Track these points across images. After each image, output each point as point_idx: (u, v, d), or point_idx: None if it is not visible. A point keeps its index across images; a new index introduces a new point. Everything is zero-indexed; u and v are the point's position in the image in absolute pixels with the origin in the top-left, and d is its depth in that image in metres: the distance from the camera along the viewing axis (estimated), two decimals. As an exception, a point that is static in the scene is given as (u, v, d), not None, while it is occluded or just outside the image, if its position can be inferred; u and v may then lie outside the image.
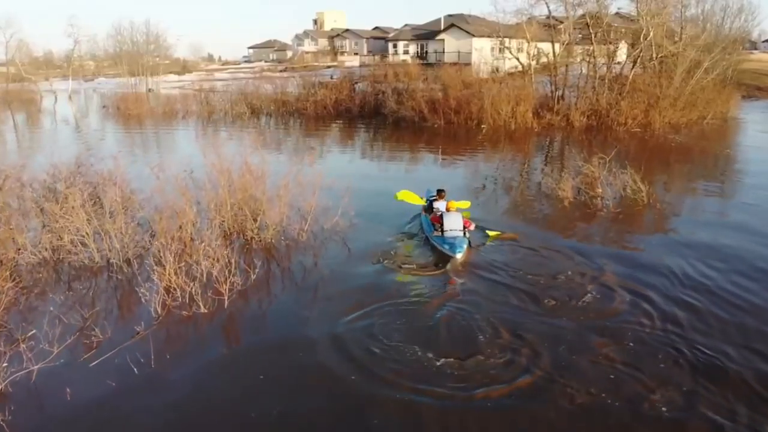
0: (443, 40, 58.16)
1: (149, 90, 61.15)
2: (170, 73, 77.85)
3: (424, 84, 34.87)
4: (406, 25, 70.85)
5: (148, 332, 8.74)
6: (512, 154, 25.52)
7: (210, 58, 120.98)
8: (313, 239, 12.76)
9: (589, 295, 9.79)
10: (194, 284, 9.54)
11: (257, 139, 24.11)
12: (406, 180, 18.79)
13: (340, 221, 13.10)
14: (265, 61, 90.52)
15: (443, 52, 57.44)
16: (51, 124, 42.78)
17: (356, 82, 40.79)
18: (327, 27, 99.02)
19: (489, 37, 54.58)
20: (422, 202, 14.13)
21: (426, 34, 61.12)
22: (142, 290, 9.39)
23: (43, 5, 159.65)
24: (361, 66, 58.15)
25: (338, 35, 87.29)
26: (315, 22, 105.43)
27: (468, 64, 50.76)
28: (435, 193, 13.83)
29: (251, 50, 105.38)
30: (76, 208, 11.09)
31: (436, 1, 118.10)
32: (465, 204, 14.31)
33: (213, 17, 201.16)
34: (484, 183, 19.35)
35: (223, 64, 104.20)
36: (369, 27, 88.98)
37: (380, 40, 74.01)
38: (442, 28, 58.85)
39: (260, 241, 12.40)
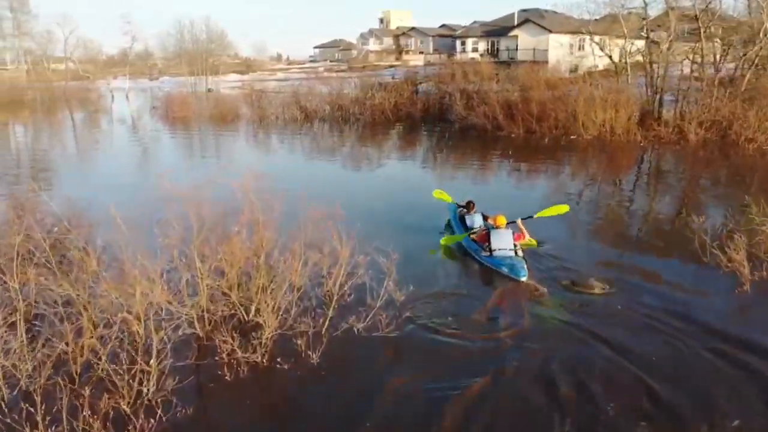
0: (516, 36, 52.06)
1: (209, 90, 57.84)
2: (233, 72, 74.64)
3: (497, 85, 28.89)
4: (474, 22, 64.84)
5: None
6: (616, 176, 19.46)
7: (278, 58, 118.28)
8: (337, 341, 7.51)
9: None
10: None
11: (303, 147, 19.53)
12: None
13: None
14: (330, 61, 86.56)
15: (516, 49, 51.31)
16: (108, 124, 40.51)
17: (419, 83, 35.32)
18: (393, 26, 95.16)
19: (569, 32, 48.83)
20: (451, 200, 12.86)
21: (497, 30, 55.01)
22: None
23: (100, 2, 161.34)
24: (425, 65, 52.84)
25: (403, 34, 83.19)
26: (381, 21, 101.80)
27: (544, 63, 45.15)
28: (460, 205, 12.27)
29: (317, 50, 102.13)
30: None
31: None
32: (562, 209, 11.59)
33: (280, 16, 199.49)
34: (588, 220, 13.82)
35: (289, 64, 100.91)
36: (436, 25, 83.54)
37: (447, 38, 69.94)
38: (516, 23, 52.82)
39: (249, 360, 7.07)
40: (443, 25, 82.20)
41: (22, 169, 22.41)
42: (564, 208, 11.44)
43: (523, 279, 9.45)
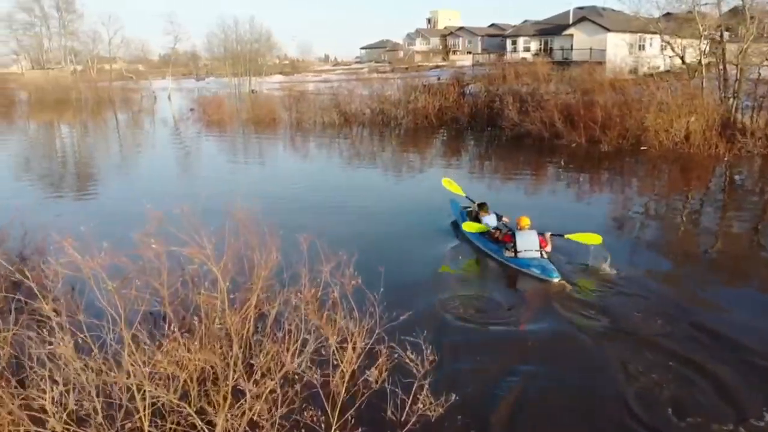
0: (572, 35, 48.32)
1: (252, 91, 56.35)
2: (278, 73, 73.10)
3: (554, 87, 25.53)
4: (525, 21, 61.11)
5: None
6: (694, 194, 16.16)
7: (325, 59, 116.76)
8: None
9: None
10: None
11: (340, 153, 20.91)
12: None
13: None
14: (376, 62, 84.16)
15: (571, 49, 47.53)
16: (150, 124, 39.61)
17: (467, 84, 32.30)
18: (441, 26, 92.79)
19: (629, 31, 45.12)
20: (462, 193, 12.85)
21: (551, 29, 51.32)
22: None
23: (144, 3, 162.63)
24: (473, 65, 49.62)
25: (451, 33, 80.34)
26: (429, 21, 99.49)
27: (601, 63, 41.60)
28: (466, 206, 12.29)
29: (363, 51, 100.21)
30: None
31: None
32: (594, 238, 10.16)
33: (329, 17, 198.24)
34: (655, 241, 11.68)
35: (335, 65, 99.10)
36: (484, 25, 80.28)
37: (496, 37, 66.74)
38: (571, 21, 48.94)
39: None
40: (492, 25, 79.64)
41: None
42: (597, 239, 10.17)
43: (556, 280, 9.20)
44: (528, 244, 9.79)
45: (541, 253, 9.81)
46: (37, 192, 17.18)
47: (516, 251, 9.83)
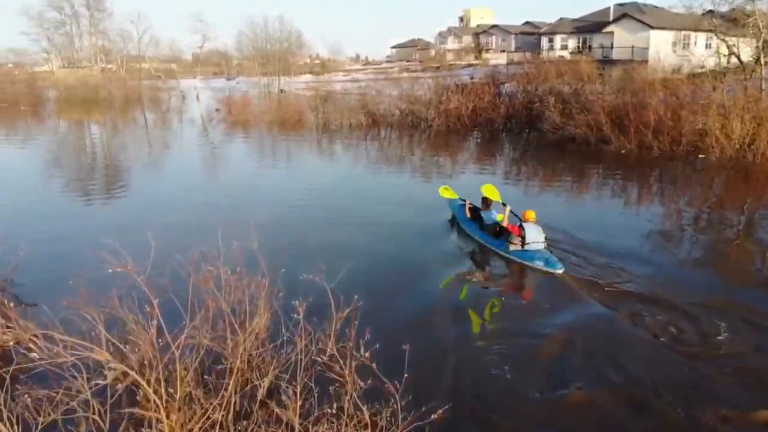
0: (612, 32, 45.70)
1: (281, 91, 55.12)
2: (308, 73, 71.76)
3: (600, 87, 23.19)
4: (561, 18, 58.42)
5: None
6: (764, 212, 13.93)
7: (356, 58, 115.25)
8: None
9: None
10: None
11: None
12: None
13: None
14: (407, 60, 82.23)
15: (611, 47, 44.87)
16: (177, 124, 38.49)
17: (502, 83, 30.22)
18: (473, 24, 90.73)
19: (673, 29, 42.69)
20: (456, 196, 12.49)
21: (590, 26, 48.74)
22: None
23: (174, 1, 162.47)
24: (508, 64, 47.38)
25: (484, 31, 78.04)
26: (461, 19, 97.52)
27: (643, 62, 39.20)
28: (463, 201, 12.03)
29: (394, 50, 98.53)
30: None
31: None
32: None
33: (357, 16, 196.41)
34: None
35: (365, 64, 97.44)
36: (517, 23, 77.92)
37: (531, 35, 64.59)
38: (611, 18, 46.21)
39: None
40: (527, 23, 77.10)
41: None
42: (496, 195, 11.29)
43: (560, 271, 9.28)
44: (535, 235, 9.95)
45: (545, 245, 10.01)
46: (50, 199, 15.95)
47: (524, 243, 9.91)
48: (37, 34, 65.23)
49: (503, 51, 70.15)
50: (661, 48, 41.89)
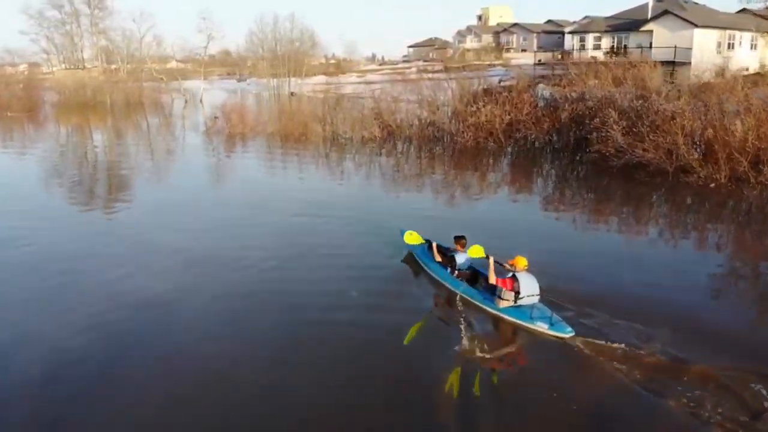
0: (651, 31, 40.90)
1: (291, 94, 50.89)
2: (322, 74, 67.35)
3: (666, 99, 18.34)
4: (586, 16, 53.72)
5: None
6: None
7: (372, 58, 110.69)
8: None
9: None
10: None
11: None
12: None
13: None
14: (424, 60, 77.72)
15: (650, 47, 40.00)
16: (180, 131, 35.38)
17: (534, 85, 25.64)
18: (492, 22, 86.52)
19: (718, 28, 38.21)
20: (421, 241, 10.44)
21: (625, 24, 43.97)
22: None
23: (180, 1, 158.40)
24: (535, 65, 42.77)
25: (504, 30, 73.54)
26: (479, 18, 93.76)
27: (685, 64, 34.78)
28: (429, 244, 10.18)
29: (411, 49, 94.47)
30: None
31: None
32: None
33: (373, 15, 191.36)
34: None
35: (381, 64, 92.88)
36: (537, 21, 73.89)
37: (553, 34, 59.94)
38: (650, 16, 41.34)
39: None
40: (549, 21, 72.82)
41: None
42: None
43: (571, 334, 7.61)
44: (531, 288, 8.36)
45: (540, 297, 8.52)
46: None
47: (517, 297, 8.30)
48: (36, 34, 62.23)
49: (524, 50, 65.89)
50: (705, 48, 37.20)
